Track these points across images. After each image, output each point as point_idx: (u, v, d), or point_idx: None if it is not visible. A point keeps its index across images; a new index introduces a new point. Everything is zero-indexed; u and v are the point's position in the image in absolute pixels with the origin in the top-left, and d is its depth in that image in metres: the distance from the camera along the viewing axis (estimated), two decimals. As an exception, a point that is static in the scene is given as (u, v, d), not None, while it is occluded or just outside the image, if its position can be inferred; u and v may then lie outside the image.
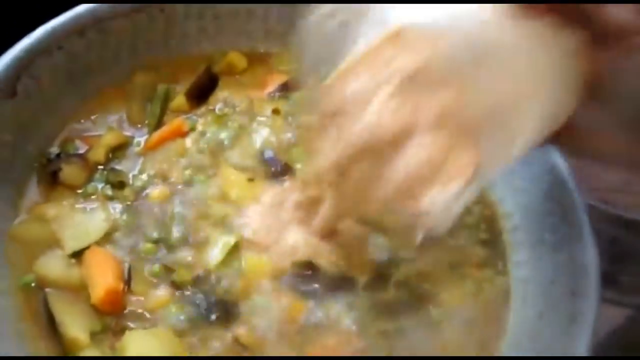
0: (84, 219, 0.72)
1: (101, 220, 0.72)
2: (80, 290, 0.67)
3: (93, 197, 0.74)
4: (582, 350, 0.63)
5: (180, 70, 0.87)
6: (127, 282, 0.68)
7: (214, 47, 0.90)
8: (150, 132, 0.81)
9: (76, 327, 0.64)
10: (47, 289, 0.67)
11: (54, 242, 0.70)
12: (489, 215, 0.83)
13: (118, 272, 0.68)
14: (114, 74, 0.84)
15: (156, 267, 0.69)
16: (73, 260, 0.69)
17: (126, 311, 0.67)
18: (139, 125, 0.82)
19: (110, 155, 0.78)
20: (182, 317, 0.66)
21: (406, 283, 0.74)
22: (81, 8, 0.78)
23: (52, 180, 0.74)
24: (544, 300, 0.72)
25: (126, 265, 0.69)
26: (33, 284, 0.68)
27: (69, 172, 0.74)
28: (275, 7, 0.90)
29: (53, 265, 0.68)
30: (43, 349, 0.64)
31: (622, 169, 0.85)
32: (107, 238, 0.71)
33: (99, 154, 0.77)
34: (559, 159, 0.76)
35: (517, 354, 0.71)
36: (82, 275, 0.68)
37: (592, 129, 0.56)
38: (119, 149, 0.79)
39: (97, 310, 0.66)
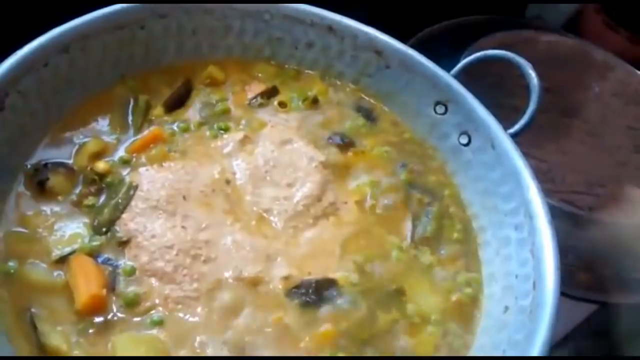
0: (69, 226, 0.75)
1: (85, 227, 0.75)
2: (64, 293, 0.70)
3: (78, 204, 0.77)
4: (543, 339, 0.67)
5: (160, 83, 0.90)
6: (112, 286, 0.71)
7: (193, 60, 0.93)
8: (132, 140, 0.84)
9: (58, 337, 0.66)
10: (32, 309, 0.68)
11: (39, 249, 0.72)
12: (463, 217, 0.88)
13: (100, 279, 0.70)
14: (97, 87, 0.86)
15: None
16: (58, 267, 0.71)
17: (111, 313, 0.69)
18: (121, 134, 0.85)
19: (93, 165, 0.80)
20: None
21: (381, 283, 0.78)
22: (65, 26, 0.80)
23: (39, 189, 0.77)
24: (508, 294, 0.77)
25: (109, 270, 0.72)
26: (12, 271, 0.70)
27: (56, 181, 0.77)
28: (251, 22, 0.93)
29: (38, 271, 0.71)
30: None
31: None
32: (91, 244, 0.74)
33: (82, 161, 0.80)
34: (521, 162, 0.81)
35: (484, 347, 0.75)
36: (67, 281, 0.70)
37: None
38: (102, 156, 0.81)
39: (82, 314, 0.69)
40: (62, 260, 0.72)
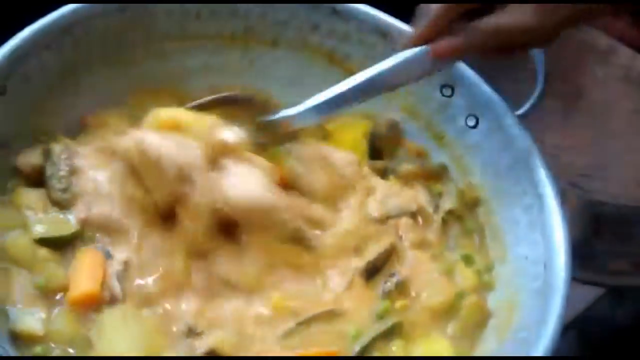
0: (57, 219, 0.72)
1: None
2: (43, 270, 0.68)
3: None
4: (556, 321, 0.67)
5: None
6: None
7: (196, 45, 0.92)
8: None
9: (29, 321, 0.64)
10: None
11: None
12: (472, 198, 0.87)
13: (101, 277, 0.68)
14: (102, 72, 0.85)
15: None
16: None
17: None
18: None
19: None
20: None
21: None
22: (67, 7, 0.79)
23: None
24: (519, 275, 0.76)
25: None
26: None
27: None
28: (255, 5, 0.92)
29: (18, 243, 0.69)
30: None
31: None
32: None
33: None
34: (530, 144, 0.81)
35: (497, 330, 0.75)
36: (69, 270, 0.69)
37: None
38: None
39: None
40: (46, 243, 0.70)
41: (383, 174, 0.87)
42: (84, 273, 0.68)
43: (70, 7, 0.79)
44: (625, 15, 1.41)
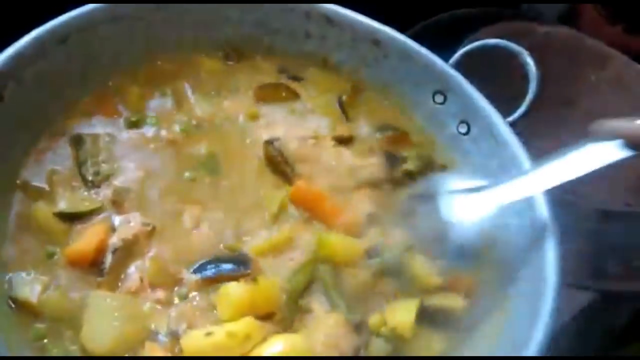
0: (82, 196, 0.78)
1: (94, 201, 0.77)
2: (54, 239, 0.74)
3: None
4: (545, 324, 0.68)
5: (161, 74, 0.91)
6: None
7: (193, 52, 0.93)
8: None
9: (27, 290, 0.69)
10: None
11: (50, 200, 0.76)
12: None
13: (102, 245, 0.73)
14: (97, 80, 0.86)
15: None
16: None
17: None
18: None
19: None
20: None
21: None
22: (63, 17, 0.80)
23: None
24: (510, 282, 0.77)
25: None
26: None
27: None
28: (249, 13, 0.93)
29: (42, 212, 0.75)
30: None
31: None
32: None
33: None
34: (521, 151, 0.82)
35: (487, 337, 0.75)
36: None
37: None
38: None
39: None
40: (65, 216, 0.75)
41: (349, 142, 0.89)
42: (84, 236, 0.74)
43: (65, 17, 0.80)
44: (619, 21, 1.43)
